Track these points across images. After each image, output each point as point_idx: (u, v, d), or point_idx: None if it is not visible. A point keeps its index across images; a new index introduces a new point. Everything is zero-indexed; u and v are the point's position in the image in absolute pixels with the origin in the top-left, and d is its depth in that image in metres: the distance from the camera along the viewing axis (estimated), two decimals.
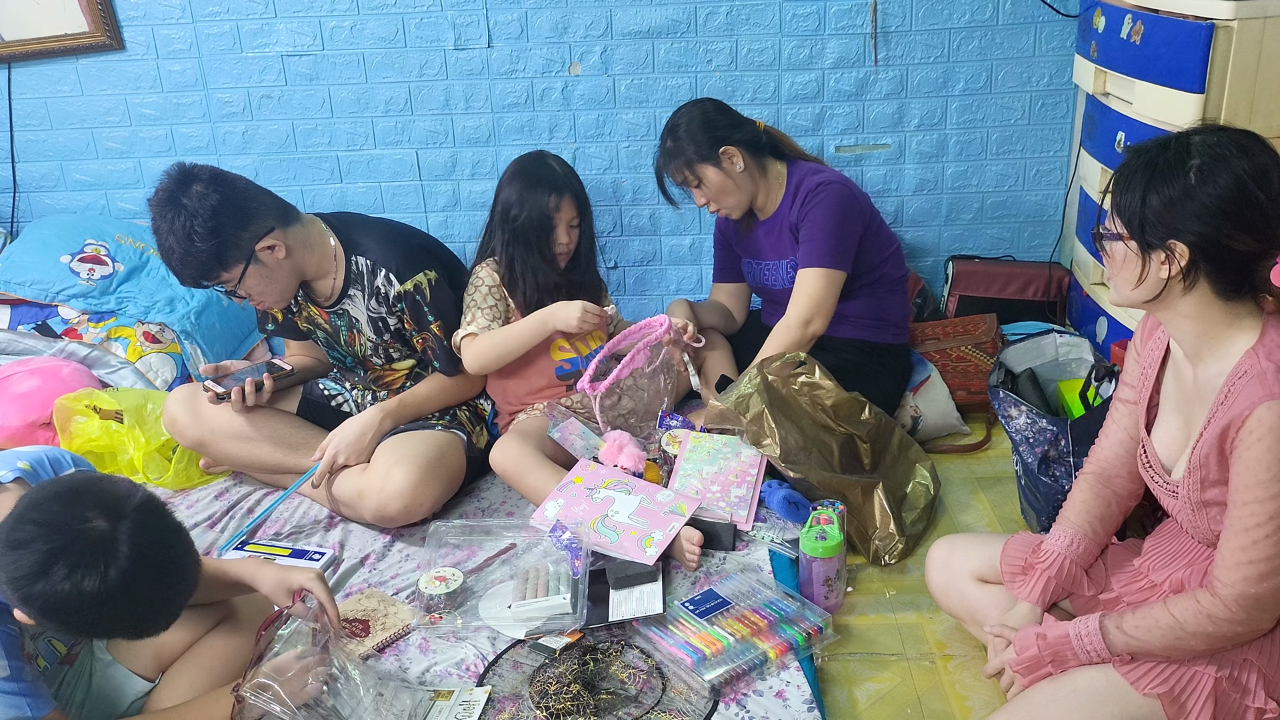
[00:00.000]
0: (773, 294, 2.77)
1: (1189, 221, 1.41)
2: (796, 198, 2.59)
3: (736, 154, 2.55)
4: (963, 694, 1.85)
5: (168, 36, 3.18)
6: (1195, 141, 1.43)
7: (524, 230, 2.45)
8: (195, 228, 2.16)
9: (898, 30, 3.10)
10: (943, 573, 1.91)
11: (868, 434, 2.39)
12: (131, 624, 1.43)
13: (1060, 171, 3.25)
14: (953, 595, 1.90)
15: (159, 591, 1.41)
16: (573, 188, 2.49)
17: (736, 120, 2.60)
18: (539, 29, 3.13)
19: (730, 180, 2.57)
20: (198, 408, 2.46)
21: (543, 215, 2.44)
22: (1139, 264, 1.47)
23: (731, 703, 1.81)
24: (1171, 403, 1.62)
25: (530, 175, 2.48)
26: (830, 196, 2.54)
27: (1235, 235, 1.41)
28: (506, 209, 2.47)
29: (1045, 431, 2.13)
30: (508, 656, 1.94)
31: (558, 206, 2.45)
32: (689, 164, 2.56)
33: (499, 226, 2.50)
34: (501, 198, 2.50)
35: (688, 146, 2.55)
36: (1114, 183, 1.49)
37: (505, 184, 2.50)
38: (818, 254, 2.53)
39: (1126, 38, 2.52)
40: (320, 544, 2.36)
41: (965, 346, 2.85)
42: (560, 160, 2.54)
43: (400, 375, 2.58)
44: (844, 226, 2.54)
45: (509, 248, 2.48)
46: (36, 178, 3.37)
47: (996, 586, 1.83)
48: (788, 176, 2.64)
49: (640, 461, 2.36)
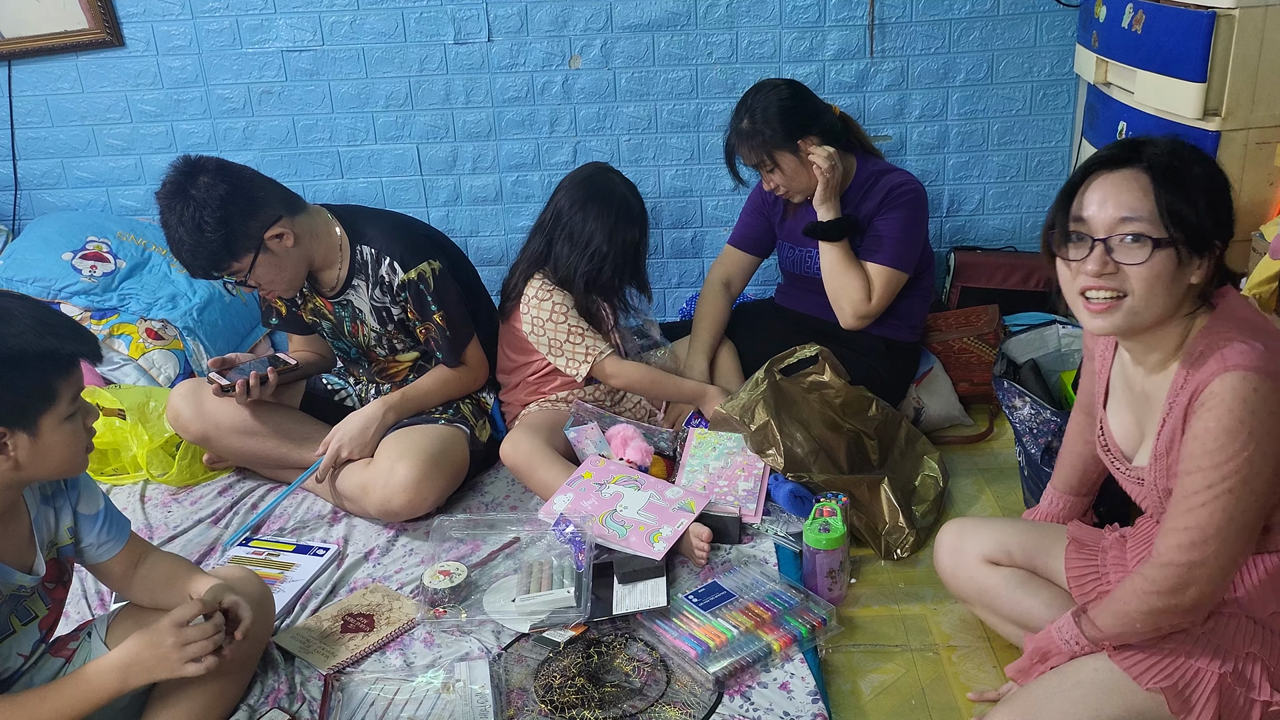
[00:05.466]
0: (808, 281, 2.70)
1: (1225, 218, 1.43)
2: (870, 194, 2.54)
3: (816, 144, 2.50)
4: (966, 685, 1.86)
5: (167, 33, 3.18)
6: (1163, 146, 1.44)
7: (610, 270, 2.46)
8: (205, 218, 2.16)
9: (898, 21, 3.09)
10: (952, 557, 1.92)
11: (875, 430, 2.39)
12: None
13: (1062, 162, 3.25)
14: (962, 578, 1.90)
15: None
16: (646, 221, 2.53)
17: (817, 108, 2.54)
18: (539, 23, 3.13)
19: (806, 169, 2.51)
20: (202, 402, 2.47)
21: (634, 256, 2.48)
22: (1180, 271, 1.42)
23: (736, 695, 1.81)
24: (1119, 398, 1.64)
25: (613, 208, 2.45)
26: (914, 200, 2.52)
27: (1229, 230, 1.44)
28: (587, 243, 2.43)
29: (1049, 423, 2.13)
30: (512, 650, 1.95)
31: (645, 242, 2.49)
32: (767, 149, 2.49)
33: (571, 254, 2.45)
34: (573, 225, 2.45)
35: (766, 131, 2.47)
36: (1168, 188, 1.40)
37: (577, 211, 2.45)
38: (891, 253, 2.51)
39: (1128, 27, 2.51)
40: (324, 539, 2.36)
41: (967, 338, 2.84)
42: (627, 182, 2.53)
43: (404, 367, 2.58)
44: (919, 232, 2.56)
45: (588, 282, 2.46)
46: (38, 175, 3.37)
47: (1007, 569, 1.85)
48: (856, 170, 2.58)
49: (647, 455, 2.36)
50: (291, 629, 2.03)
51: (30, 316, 1.48)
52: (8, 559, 1.57)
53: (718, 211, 3.34)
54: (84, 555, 1.73)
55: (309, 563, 2.25)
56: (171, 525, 2.45)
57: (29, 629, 1.63)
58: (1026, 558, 1.84)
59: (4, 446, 1.46)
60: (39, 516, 1.62)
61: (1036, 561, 1.84)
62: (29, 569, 1.60)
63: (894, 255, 2.51)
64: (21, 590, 1.59)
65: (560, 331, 2.48)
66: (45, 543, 1.64)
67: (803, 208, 2.64)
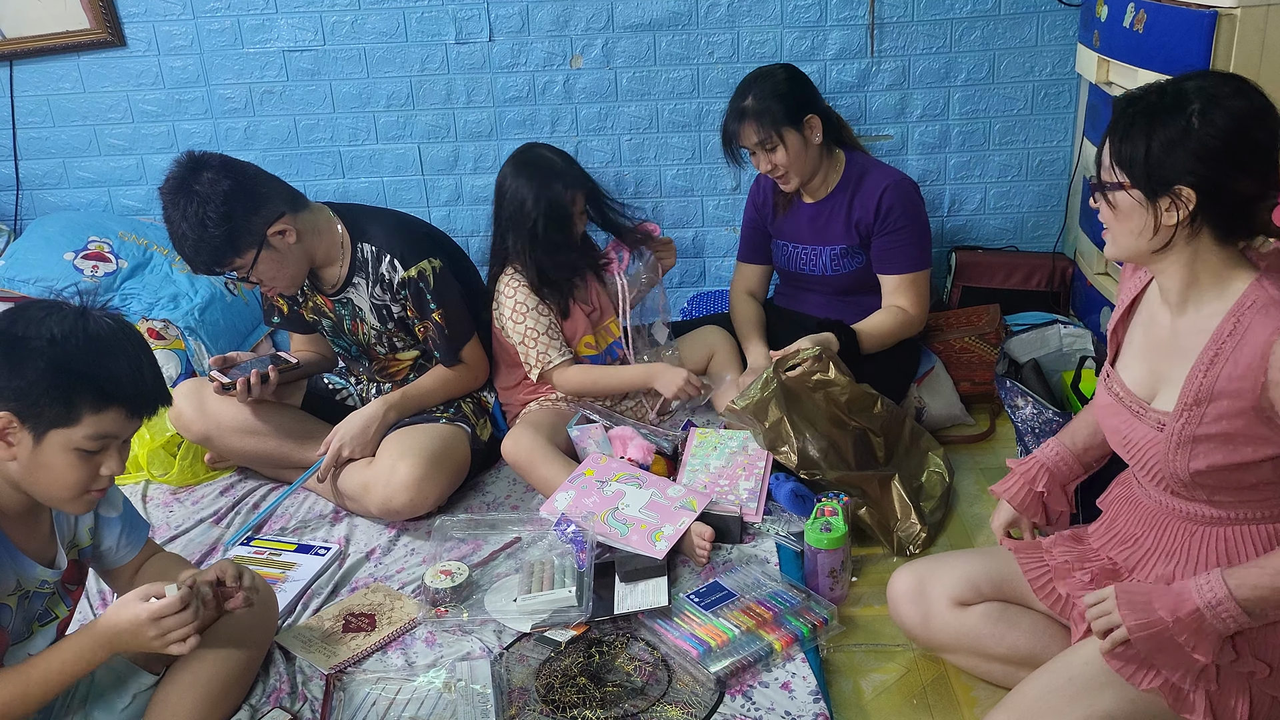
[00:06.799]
0: (802, 279, 2.72)
1: (1193, 164, 1.39)
2: (860, 193, 2.56)
3: (817, 125, 2.51)
4: (968, 685, 1.85)
5: (169, 33, 3.18)
6: (1190, 87, 1.42)
7: (545, 229, 2.43)
8: (208, 214, 2.16)
9: (899, 21, 3.09)
10: (916, 605, 1.80)
11: (880, 428, 2.39)
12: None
13: (1063, 161, 3.25)
14: (935, 628, 1.78)
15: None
16: (577, 174, 2.48)
17: (816, 92, 2.57)
18: (540, 22, 3.13)
19: (807, 150, 2.52)
20: (204, 402, 2.47)
21: (561, 210, 2.43)
22: (1147, 213, 1.44)
23: (737, 694, 1.81)
24: (1137, 349, 1.61)
25: (535, 171, 2.44)
26: (909, 200, 2.54)
27: (1237, 177, 1.40)
28: (520, 212, 2.43)
29: (1051, 423, 2.13)
30: (514, 650, 1.95)
31: (573, 199, 2.44)
32: (775, 124, 2.47)
33: (513, 231, 2.46)
34: (509, 201, 2.45)
35: (775, 106, 2.46)
36: (1113, 131, 1.46)
37: (509, 185, 2.45)
38: (914, 259, 2.56)
39: (1129, 27, 2.51)
40: (326, 538, 2.36)
41: (969, 337, 2.84)
42: (553, 148, 2.52)
43: (405, 366, 2.59)
44: (925, 225, 2.60)
45: (532, 252, 2.45)
46: (39, 175, 3.38)
47: (980, 606, 1.76)
48: (846, 164, 2.61)
49: (648, 454, 2.37)
50: (293, 628, 2.03)
51: (128, 356, 1.50)
52: (30, 554, 1.57)
53: (719, 211, 3.34)
54: (103, 560, 1.74)
55: (311, 562, 2.25)
56: (173, 525, 2.45)
57: (46, 632, 1.64)
58: (995, 588, 1.75)
59: (9, 433, 1.46)
60: (60, 514, 1.62)
61: (1006, 589, 1.75)
62: (50, 563, 1.61)
63: (912, 260, 2.56)
64: (44, 586, 1.60)
65: (518, 332, 2.49)
66: (66, 541, 1.65)
67: (796, 207, 2.66)
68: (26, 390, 1.44)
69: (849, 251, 2.61)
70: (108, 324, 1.51)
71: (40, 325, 1.46)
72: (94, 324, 1.49)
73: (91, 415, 1.47)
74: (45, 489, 1.51)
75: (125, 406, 1.50)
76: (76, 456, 1.48)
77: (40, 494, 1.53)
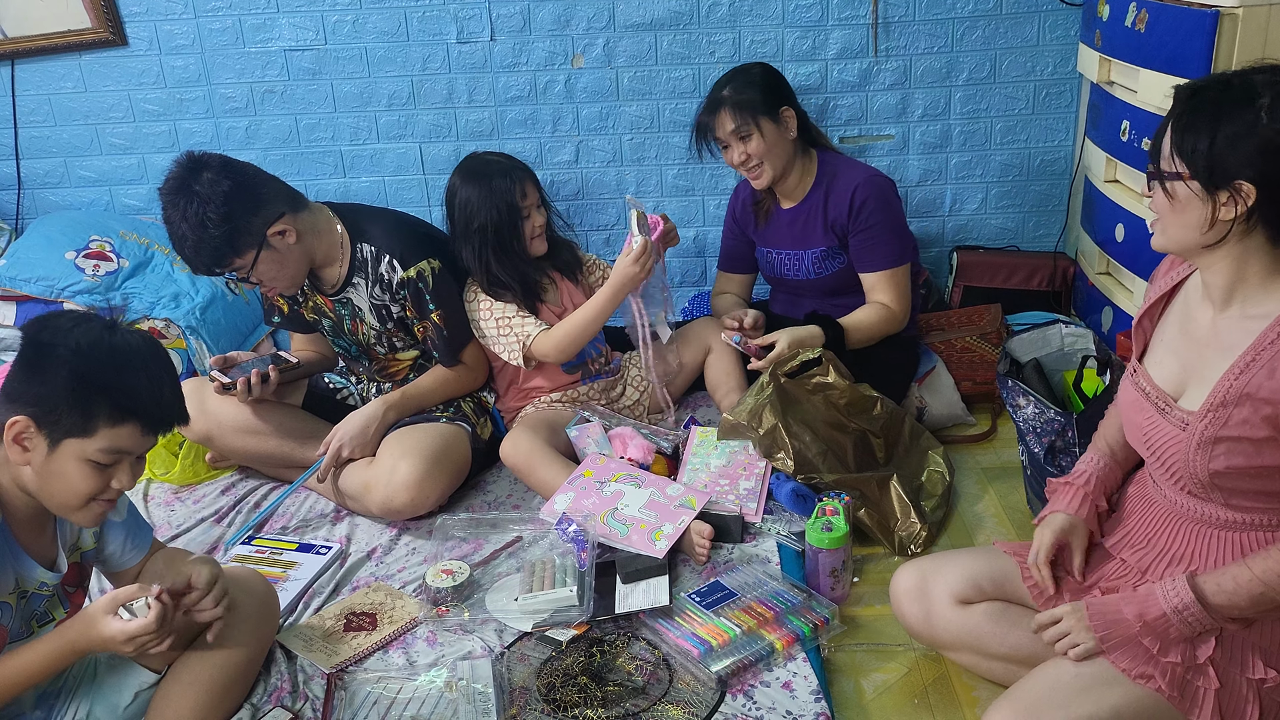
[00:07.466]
0: (790, 284, 2.73)
1: (1257, 159, 1.36)
2: (833, 193, 2.56)
3: (793, 119, 2.53)
4: (969, 684, 1.85)
5: (170, 32, 3.18)
6: (1259, 80, 1.39)
7: (495, 230, 2.42)
8: (208, 214, 2.16)
9: (901, 20, 3.09)
10: (919, 603, 1.79)
11: (880, 429, 2.39)
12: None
13: (1065, 161, 3.24)
14: (938, 625, 1.78)
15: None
16: (522, 167, 2.48)
17: (792, 91, 2.59)
18: (541, 22, 3.13)
19: (782, 143, 2.53)
20: (205, 401, 2.47)
21: (510, 206, 2.42)
22: (1204, 206, 1.41)
23: (739, 694, 1.81)
24: (1169, 345, 1.59)
25: (478, 174, 2.44)
26: (881, 196, 2.54)
27: None
28: (468, 217, 2.43)
29: (1053, 422, 2.13)
30: (515, 649, 1.95)
31: (523, 192, 2.43)
32: (753, 113, 2.48)
33: (464, 240, 2.45)
34: (458, 209, 2.45)
35: (755, 95, 2.48)
36: (1175, 120, 1.43)
37: (456, 195, 2.45)
38: (892, 255, 2.55)
39: (1131, 26, 2.51)
40: (327, 538, 2.36)
41: (970, 337, 2.84)
42: (497, 152, 2.54)
43: (404, 366, 2.59)
44: (900, 222, 2.60)
45: (481, 256, 2.44)
46: (41, 174, 3.38)
47: (982, 605, 1.76)
48: (819, 165, 2.61)
49: (649, 453, 2.36)
50: (294, 628, 2.03)
51: (149, 373, 1.51)
52: (32, 554, 1.57)
53: (720, 210, 3.33)
54: (107, 563, 1.75)
55: (312, 561, 2.25)
56: (174, 524, 2.45)
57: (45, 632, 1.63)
58: (996, 587, 1.75)
59: (26, 437, 1.47)
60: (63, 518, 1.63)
61: (1008, 589, 1.75)
62: (51, 565, 1.61)
63: (889, 256, 2.54)
64: (43, 588, 1.60)
65: (491, 328, 2.49)
66: (68, 544, 1.65)
67: (774, 213, 2.68)
68: (46, 397, 1.46)
69: (829, 253, 2.61)
70: (134, 340, 1.53)
71: (67, 335, 1.48)
72: (119, 338, 1.51)
73: (107, 428, 1.48)
74: (55, 496, 1.52)
75: (141, 422, 1.52)
76: (89, 468, 1.50)
77: (49, 501, 1.54)
